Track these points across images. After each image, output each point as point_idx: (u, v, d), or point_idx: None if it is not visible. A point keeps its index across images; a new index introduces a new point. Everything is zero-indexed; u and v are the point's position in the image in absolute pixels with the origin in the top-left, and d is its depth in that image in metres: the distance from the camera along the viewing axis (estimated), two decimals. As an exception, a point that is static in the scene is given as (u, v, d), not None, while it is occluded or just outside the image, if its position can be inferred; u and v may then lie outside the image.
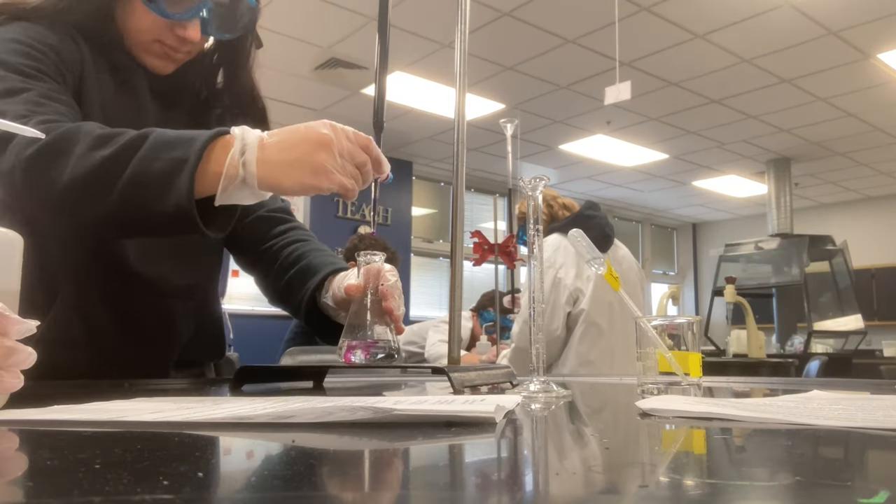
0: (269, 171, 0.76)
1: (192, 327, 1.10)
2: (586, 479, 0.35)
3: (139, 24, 0.98)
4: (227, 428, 0.50)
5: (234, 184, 0.76)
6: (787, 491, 0.31)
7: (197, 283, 1.11)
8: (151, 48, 1.00)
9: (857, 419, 0.53)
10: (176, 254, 1.05)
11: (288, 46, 4.76)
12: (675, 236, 10.90)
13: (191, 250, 1.07)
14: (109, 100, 0.98)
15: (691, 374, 0.86)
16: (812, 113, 6.02)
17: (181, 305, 1.07)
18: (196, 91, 1.12)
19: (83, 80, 0.96)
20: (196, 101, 1.12)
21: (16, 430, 0.50)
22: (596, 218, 2.42)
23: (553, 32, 4.61)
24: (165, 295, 1.05)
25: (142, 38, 0.99)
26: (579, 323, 2.29)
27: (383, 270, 0.97)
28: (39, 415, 0.53)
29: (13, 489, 0.30)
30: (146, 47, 1.00)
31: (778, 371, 4.40)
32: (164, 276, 1.04)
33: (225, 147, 0.77)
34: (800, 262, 6.52)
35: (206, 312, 1.14)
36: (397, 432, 0.48)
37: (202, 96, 1.13)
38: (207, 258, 1.14)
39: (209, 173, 0.76)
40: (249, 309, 5.56)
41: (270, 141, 0.77)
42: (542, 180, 0.89)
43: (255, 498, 0.30)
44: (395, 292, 0.96)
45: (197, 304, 1.11)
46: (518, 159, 5.57)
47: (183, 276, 1.07)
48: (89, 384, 0.89)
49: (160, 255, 1.02)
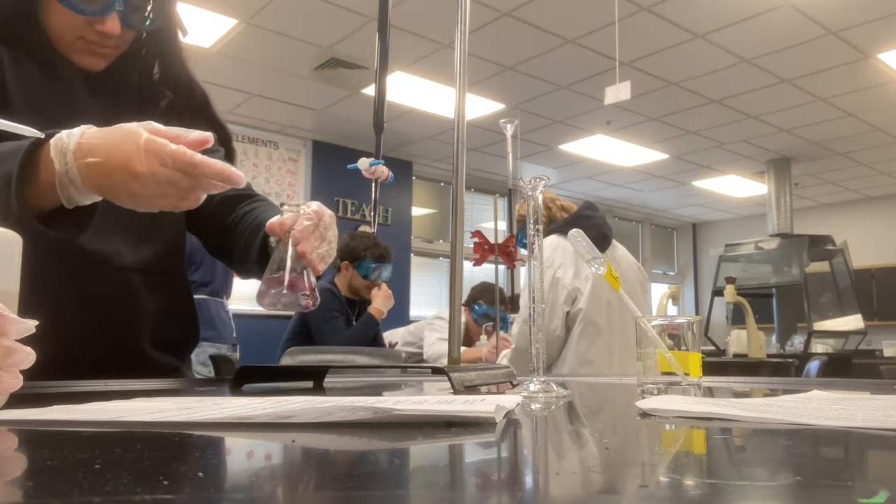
0: (98, 190, 0.77)
1: (159, 302, 1.10)
2: (586, 479, 0.35)
3: (59, 22, 0.99)
4: (227, 428, 0.50)
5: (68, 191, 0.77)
6: (787, 491, 0.31)
7: (154, 258, 1.10)
8: (76, 46, 1.01)
9: (857, 419, 0.53)
10: (127, 229, 1.05)
11: (288, 46, 4.76)
12: (675, 236, 10.90)
13: (143, 226, 1.07)
14: (41, 100, 0.99)
15: (691, 374, 0.86)
16: (812, 113, 6.02)
17: (143, 280, 1.07)
18: (136, 86, 1.13)
19: (3, 81, 0.97)
20: (139, 96, 1.12)
21: (16, 430, 0.50)
22: (594, 218, 2.42)
23: (553, 32, 4.61)
24: (123, 269, 1.05)
25: (65, 36, 1.00)
26: (577, 322, 2.29)
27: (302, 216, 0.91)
28: (39, 415, 0.53)
29: (13, 489, 0.30)
30: (72, 45, 1.01)
31: (778, 371, 4.40)
32: (119, 251, 1.04)
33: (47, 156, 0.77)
34: (800, 262, 6.52)
35: (174, 290, 1.15)
36: (397, 432, 0.48)
37: (144, 90, 1.14)
38: (164, 234, 1.13)
39: (42, 183, 0.77)
40: (249, 309, 5.56)
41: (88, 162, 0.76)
42: (542, 180, 0.89)
43: (255, 498, 0.30)
44: (312, 235, 0.90)
45: (161, 280, 1.11)
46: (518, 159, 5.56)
47: (138, 250, 1.07)
48: (84, 384, 0.89)
49: (111, 231, 1.02)
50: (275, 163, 6.64)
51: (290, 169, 6.74)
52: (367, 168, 1.04)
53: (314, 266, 0.90)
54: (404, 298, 7.20)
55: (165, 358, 1.12)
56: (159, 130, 0.76)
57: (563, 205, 2.55)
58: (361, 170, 1.04)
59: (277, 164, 6.66)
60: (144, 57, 1.13)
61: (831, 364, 4.72)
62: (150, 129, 0.76)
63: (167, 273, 1.14)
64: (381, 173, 1.04)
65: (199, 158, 0.76)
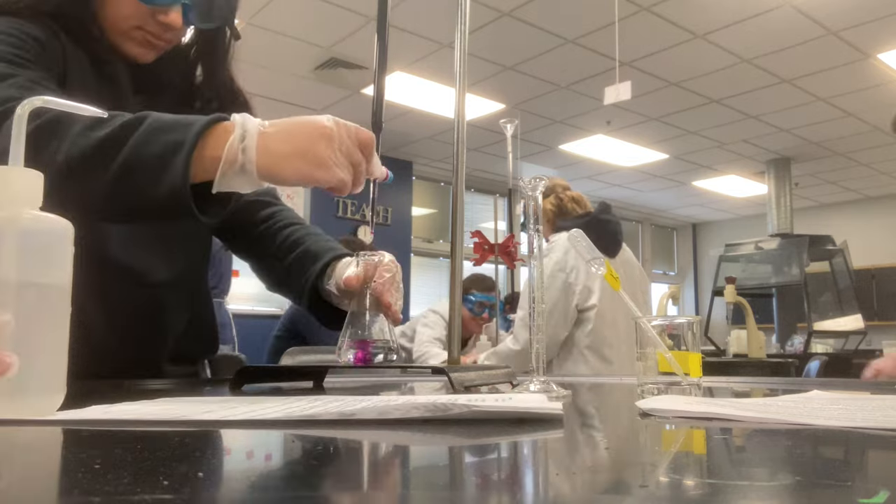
0: (269, 159, 0.75)
1: (184, 319, 1.10)
2: (586, 479, 0.35)
3: (120, 10, 0.97)
4: (243, 426, 0.50)
5: (232, 169, 0.75)
6: (787, 491, 0.31)
7: (182, 274, 1.09)
8: (132, 35, 0.99)
9: (857, 419, 0.53)
10: (157, 244, 1.04)
11: (288, 46, 4.76)
12: (675, 236, 10.90)
13: (172, 241, 1.06)
14: (93, 94, 0.98)
15: (691, 374, 0.86)
16: (812, 113, 6.02)
17: (170, 296, 1.07)
18: (176, 86, 1.11)
19: (67, 74, 0.95)
20: (176, 97, 1.11)
21: (16, 430, 0.50)
22: (611, 223, 2.41)
23: (553, 32, 4.61)
24: (151, 286, 1.04)
25: (122, 25, 0.98)
26: (590, 318, 2.29)
27: (381, 264, 0.95)
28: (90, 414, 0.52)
29: (13, 489, 0.30)
30: (127, 34, 0.99)
31: (778, 371, 4.39)
32: (148, 267, 1.03)
33: (223, 133, 0.75)
34: (800, 262, 6.52)
35: (197, 305, 1.14)
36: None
37: (182, 91, 1.12)
38: (192, 250, 1.12)
39: (206, 158, 0.74)
40: (250, 309, 5.57)
41: (271, 130, 0.76)
42: (543, 180, 0.89)
43: (259, 498, 0.30)
44: (392, 286, 0.94)
45: (186, 296, 1.11)
46: (518, 159, 5.55)
47: (167, 266, 1.06)
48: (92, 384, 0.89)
49: (141, 246, 1.02)
50: (275, 163, 6.62)
51: (290, 169, 6.73)
52: (365, 168, 1.03)
53: (396, 318, 0.93)
54: (404, 298, 7.18)
55: (181, 369, 1.12)
56: None
57: (575, 196, 2.53)
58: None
59: (277, 164, 6.64)
60: (191, 57, 1.11)
61: (831, 364, 4.72)
62: None
63: (192, 289, 1.13)
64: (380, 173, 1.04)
65: (371, 135, 0.80)
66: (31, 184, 0.52)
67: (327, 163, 0.76)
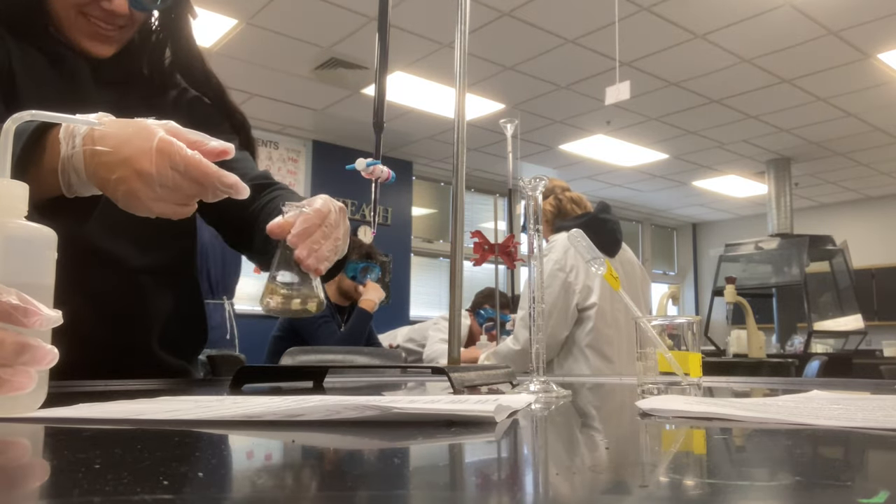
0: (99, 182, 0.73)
1: (169, 304, 1.09)
2: (586, 479, 0.35)
3: None
4: (229, 427, 0.50)
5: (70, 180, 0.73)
6: (787, 491, 0.31)
7: (164, 261, 1.09)
8: (78, 25, 0.97)
9: (857, 419, 0.53)
10: (138, 230, 1.01)
11: (288, 46, 4.76)
12: (675, 236, 10.90)
13: (154, 227, 1.05)
14: (51, 91, 0.97)
15: (691, 374, 0.86)
16: (812, 113, 6.02)
17: (152, 281, 1.07)
18: (146, 75, 1.10)
19: (12, 74, 0.94)
20: (149, 86, 1.09)
21: (16, 429, 0.50)
22: (609, 222, 2.41)
23: (553, 32, 4.61)
24: (133, 270, 1.04)
25: (67, 13, 0.97)
26: (590, 316, 2.29)
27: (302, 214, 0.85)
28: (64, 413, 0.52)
29: (13, 489, 0.30)
30: (75, 26, 0.98)
31: (778, 371, 4.39)
32: (129, 252, 1.03)
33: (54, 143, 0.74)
34: (800, 262, 6.52)
35: (184, 292, 1.14)
36: (398, 432, 0.48)
37: (154, 80, 1.11)
38: (174, 237, 1.11)
39: (46, 167, 0.73)
40: (249, 309, 5.56)
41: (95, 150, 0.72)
42: (543, 180, 0.89)
43: (255, 498, 0.30)
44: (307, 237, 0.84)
45: (171, 282, 1.10)
46: (518, 159, 5.55)
47: (148, 252, 1.06)
48: (81, 384, 0.89)
49: (121, 231, 1.01)
50: (275, 163, 6.64)
51: (290, 169, 6.74)
52: (364, 168, 1.03)
53: (311, 269, 0.84)
54: (404, 298, 7.20)
55: (174, 359, 1.12)
56: (178, 133, 0.72)
57: (574, 197, 2.53)
58: (359, 170, 1.04)
59: (277, 164, 6.66)
60: (155, 43, 1.10)
61: (831, 364, 4.72)
62: (169, 129, 0.72)
63: (178, 274, 1.13)
64: (381, 173, 1.04)
65: (213, 170, 0.71)
66: (16, 194, 0.55)
67: (140, 200, 0.72)
